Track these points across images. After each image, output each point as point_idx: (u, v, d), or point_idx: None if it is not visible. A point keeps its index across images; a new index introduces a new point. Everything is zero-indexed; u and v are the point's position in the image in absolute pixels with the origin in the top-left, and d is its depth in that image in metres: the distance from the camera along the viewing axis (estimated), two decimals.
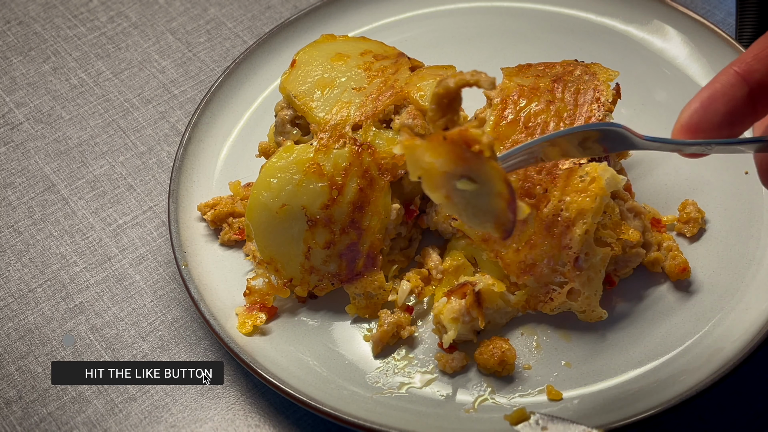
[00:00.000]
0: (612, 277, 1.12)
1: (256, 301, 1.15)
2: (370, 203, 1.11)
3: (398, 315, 1.12)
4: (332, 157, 1.11)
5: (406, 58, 1.23)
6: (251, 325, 1.13)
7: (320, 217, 1.11)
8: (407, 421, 1.03)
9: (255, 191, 1.12)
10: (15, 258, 1.30)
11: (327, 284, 1.14)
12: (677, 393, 1.01)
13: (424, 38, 1.43)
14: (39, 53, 1.56)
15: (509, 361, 1.07)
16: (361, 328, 1.15)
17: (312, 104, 1.15)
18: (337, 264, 1.13)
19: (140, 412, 1.14)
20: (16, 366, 1.19)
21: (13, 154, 1.42)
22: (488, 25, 1.44)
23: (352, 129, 1.13)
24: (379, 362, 1.11)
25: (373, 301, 1.14)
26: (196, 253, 1.20)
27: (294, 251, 1.13)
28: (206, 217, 1.23)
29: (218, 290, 1.17)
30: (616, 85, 1.15)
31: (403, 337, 1.12)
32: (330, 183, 1.10)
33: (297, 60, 1.21)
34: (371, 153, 1.11)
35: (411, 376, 1.10)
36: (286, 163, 1.12)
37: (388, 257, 1.17)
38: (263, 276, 1.16)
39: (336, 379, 1.09)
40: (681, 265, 1.12)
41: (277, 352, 1.11)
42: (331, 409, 1.03)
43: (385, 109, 1.14)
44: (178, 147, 1.29)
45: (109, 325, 1.22)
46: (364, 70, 1.18)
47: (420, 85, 1.15)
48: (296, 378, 1.07)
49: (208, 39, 1.55)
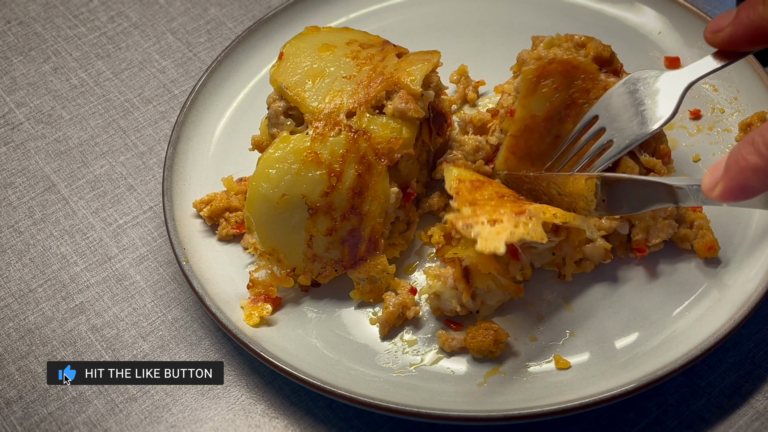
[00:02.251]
0: (643, 246, 1.15)
1: (260, 292, 1.16)
2: (369, 188, 1.13)
3: (403, 296, 1.14)
4: (329, 145, 1.12)
5: (391, 45, 1.24)
6: (257, 316, 1.14)
7: (320, 205, 1.12)
8: (422, 399, 1.05)
9: (254, 183, 1.13)
10: (15, 258, 1.29)
11: (330, 271, 1.16)
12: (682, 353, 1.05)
13: (403, 26, 1.45)
14: (39, 53, 1.55)
15: (502, 340, 1.10)
16: (367, 312, 1.16)
17: (304, 94, 1.16)
18: (340, 250, 1.14)
19: (140, 412, 1.14)
20: (16, 366, 1.18)
21: (14, 154, 1.41)
22: (464, 11, 1.46)
23: (346, 116, 1.14)
24: (387, 344, 1.13)
25: (377, 285, 1.15)
26: (196, 250, 1.20)
27: (296, 240, 1.14)
28: (202, 214, 1.23)
29: (220, 284, 1.17)
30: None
31: (408, 318, 1.14)
32: (328, 170, 1.12)
33: (285, 52, 1.22)
34: (367, 139, 1.13)
35: (420, 355, 1.12)
36: (284, 154, 1.13)
37: (388, 241, 1.18)
38: (265, 267, 1.16)
39: (347, 362, 1.11)
40: (708, 243, 1.14)
41: (286, 341, 1.12)
42: (346, 391, 1.04)
43: (377, 95, 1.15)
44: (167, 146, 1.29)
45: (110, 325, 1.22)
46: (352, 59, 1.20)
47: (410, 70, 1.17)
48: (308, 364, 1.09)
49: (209, 39, 1.55)
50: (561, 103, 1.16)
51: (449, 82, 1.37)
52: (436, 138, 1.25)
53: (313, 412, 1.11)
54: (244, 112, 1.37)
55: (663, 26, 1.40)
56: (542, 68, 1.15)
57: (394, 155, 1.14)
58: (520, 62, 1.22)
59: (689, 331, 1.08)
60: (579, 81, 1.16)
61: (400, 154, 1.14)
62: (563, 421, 1.08)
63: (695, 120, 1.30)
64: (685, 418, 1.08)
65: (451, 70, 1.37)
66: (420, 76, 1.16)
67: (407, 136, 1.14)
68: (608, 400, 1.02)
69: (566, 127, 1.17)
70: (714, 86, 1.32)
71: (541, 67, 1.15)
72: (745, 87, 1.30)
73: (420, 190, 1.24)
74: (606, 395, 1.02)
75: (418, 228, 1.23)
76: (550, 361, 1.09)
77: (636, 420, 1.08)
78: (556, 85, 1.16)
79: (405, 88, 1.16)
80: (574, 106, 1.16)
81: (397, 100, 1.15)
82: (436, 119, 1.23)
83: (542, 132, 1.17)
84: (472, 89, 1.36)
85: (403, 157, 1.15)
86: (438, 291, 1.12)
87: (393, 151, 1.13)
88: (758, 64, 1.29)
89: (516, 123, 1.17)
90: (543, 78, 1.16)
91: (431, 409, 1.03)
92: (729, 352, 1.13)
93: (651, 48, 1.38)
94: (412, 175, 1.19)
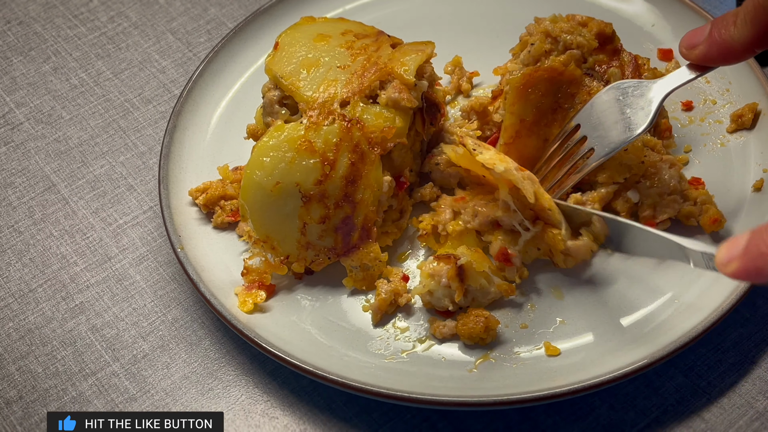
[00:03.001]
0: (652, 222, 1.17)
1: (254, 279, 1.17)
2: (362, 177, 1.14)
3: (395, 283, 1.15)
4: (323, 134, 1.13)
5: (385, 35, 1.25)
6: (252, 303, 1.15)
7: (314, 193, 1.13)
8: (414, 385, 1.06)
9: (248, 171, 1.14)
10: (15, 258, 1.30)
11: (324, 259, 1.17)
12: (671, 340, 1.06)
13: (397, 18, 1.46)
14: (39, 53, 1.56)
15: (493, 327, 1.11)
16: (360, 299, 1.17)
17: (299, 84, 1.17)
18: (333, 238, 1.15)
19: None
20: (16, 366, 1.19)
21: (14, 154, 1.42)
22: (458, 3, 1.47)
23: (340, 105, 1.15)
24: (379, 330, 1.14)
25: (369, 273, 1.16)
26: (191, 237, 1.21)
27: (290, 228, 1.15)
28: (198, 202, 1.24)
29: (215, 271, 1.18)
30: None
31: (401, 305, 1.15)
32: (322, 159, 1.13)
33: (280, 42, 1.23)
34: (360, 128, 1.14)
35: (412, 342, 1.13)
36: (278, 142, 1.14)
37: (381, 229, 1.20)
38: (260, 255, 1.17)
39: (340, 348, 1.12)
40: (713, 216, 1.15)
41: (279, 327, 1.13)
42: (338, 376, 1.06)
43: (371, 85, 1.16)
44: (164, 135, 1.30)
45: (110, 325, 1.22)
46: (346, 49, 1.21)
47: (403, 60, 1.18)
48: (301, 350, 1.10)
49: (209, 39, 1.56)
50: (548, 108, 1.20)
51: (443, 73, 1.38)
52: (429, 128, 1.26)
53: (314, 412, 1.12)
54: (239, 102, 1.38)
55: (656, 18, 1.41)
56: (529, 76, 1.18)
57: (388, 144, 1.15)
58: (523, 42, 1.26)
59: (677, 318, 1.10)
60: (564, 86, 1.19)
61: (393, 143, 1.15)
62: (562, 420, 1.09)
63: (687, 111, 1.31)
64: (685, 418, 1.08)
65: (445, 62, 1.38)
66: (413, 66, 1.17)
67: (400, 125, 1.15)
68: (598, 386, 1.03)
69: (553, 131, 1.20)
70: (706, 78, 1.33)
71: (528, 75, 1.18)
72: (736, 79, 1.31)
73: (413, 179, 1.25)
74: (596, 380, 1.03)
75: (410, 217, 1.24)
76: (540, 348, 1.11)
77: (636, 420, 1.08)
78: (542, 92, 1.19)
79: (398, 78, 1.17)
80: (560, 111, 1.20)
81: (391, 89, 1.16)
82: (429, 109, 1.24)
83: (532, 136, 1.20)
84: (466, 80, 1.37)
85: (396, 146, 1.16)
86: (432, 289, 1.13)
87: (386, 140, 1.14)
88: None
89: (507, 131, 1.20)
90: (530, 86, 1.18)
91: (423, 395, 1.04)
92: (729, 352, 1.13)
93: (644, 40, 1.39)
94: (406, 164, 1.20)
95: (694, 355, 1.12)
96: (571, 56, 1.21)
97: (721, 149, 1.26)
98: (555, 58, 1.20)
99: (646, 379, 1.11)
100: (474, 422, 1.09)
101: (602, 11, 1.42)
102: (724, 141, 1.27)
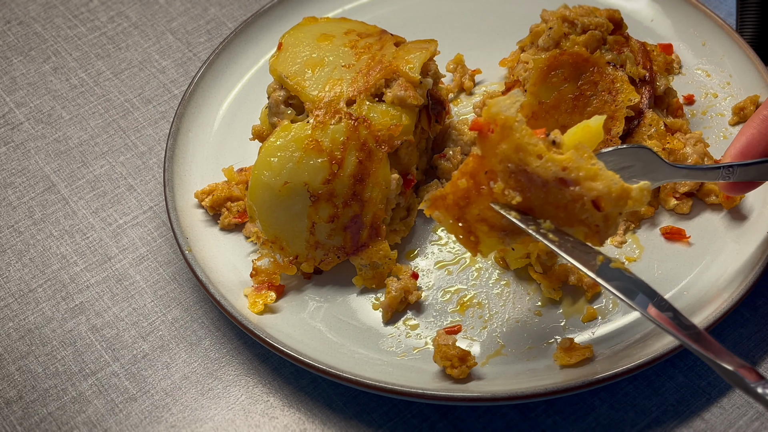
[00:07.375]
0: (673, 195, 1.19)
1: (263, 280, 1.17)
2: (370, 175, 1.14)
3: (405, 281, 1.15)
4: (330, 133, 1.13)
5: (388, 34, 1.26)
6: (262, 304, 1.15)
7: (322, 192, 1.13)
8: (426, 381, 1.06)
9: (256, 172, 1.14)
10: (15, 258, 1.29)
11: (333, 258, 1.17)
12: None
13: (398, 17, 1.46)
14: (39, 53, 1.55)
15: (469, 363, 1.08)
16: (369, 297, 1.17)
17: (304, 83, 1.17)
18: (342, 237, 1.16)
19: (140, 412, 1.14)
20: (16, 366, 1.18)
21: (14, 154, 1.41)
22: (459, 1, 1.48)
23: (346, 104, 1.15)
24: (390, 328, 1.14)
25: (379, 271, 1.17)
26: (198, 239, 1.21)
27: (298, 228, 1.15)
28: (204, 204, 1.24)
29: (224, 273, 1.18)
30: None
31: (411, 303, 1.15)
32: (330, 158, 1.13)
33: (283, 43, 1.23)
34: (367, 126, 1.14)
35: (423, 339, 1.13)
36: (285, 142, 1.14)
37: (389, 227, 1.20)
38: (268, 255, 1.17)
39: (351, 346, 1.12)
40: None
41: (290, 327, 1.13)
42: (350, 374, 1.06)
43: (376, 83, 1.16)
44: (167, 138, 1.30)
45: (110, 325, 1.22)
46: (350, 48, 1.21)
47: (408, 58, 1.18)
48: (312, 349, 1.10)
49: (209, 39, 1.55)
50: (569, 94, 1.19)
51: (446, 71, 1.39)
52: (435, 125, 1.27)
53: (314, 412, 1.12)
54: (242, 103, 1.38)
55: (655, 13, 1.41)
56: (554, 59, 1.18)
57: (395, 142, 1.15)
58: (534, 33, 1.27)
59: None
60: (588, 73, 1.19)
61: (400, 140, 1.15)
62: (562, 420, 1.09)
63: (689, 105, 1.32)
64: (685, 418, 1.08)
65: (447, 60, 1.39)
66: (418, 63, 1.18)
67: (407, 123, 1.15)
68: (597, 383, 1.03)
69: (573, 119, 1.19)
70: (707, 71, 1.34)
71: (553, 58, 1.18)
72: (737, 72, 1.32)
73: (420, 176, 1.25)
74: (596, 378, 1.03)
75: (417, 215, 1.24)
76: (552, 343, 1.11)
77: (636, 420, 1.08)
78: (565, 75, 1.18)
79: (404, 75, 1.17)
80: (582, 98, 1.19)
81: (396, 87, 1.16)
82: (434, 106, 1.24)
83: (549, 120, 1.19)
84: (468, 78, 1.38)
85: (403, 143, 1.16)
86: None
87: (393, 138, 1.15)
88: (749, 49, 1.31)
89: (523, 110, 1.18)
90: (553, 68, 1.18)
91: (436, 390, 1.04)
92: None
93: (644, 35, 1.39)
94: (412, 161, 1.20)
95: (694, 355, 1.12)
96: (592, 36, 1.21)
97: (724, 142, 1.27)
98: (576, 38, 1.20)
99: (646, 379, 1.11)
100: (474, 422, 1.09)
101: (602, 7, 1.42)
102: (727, 134, 1.27)
